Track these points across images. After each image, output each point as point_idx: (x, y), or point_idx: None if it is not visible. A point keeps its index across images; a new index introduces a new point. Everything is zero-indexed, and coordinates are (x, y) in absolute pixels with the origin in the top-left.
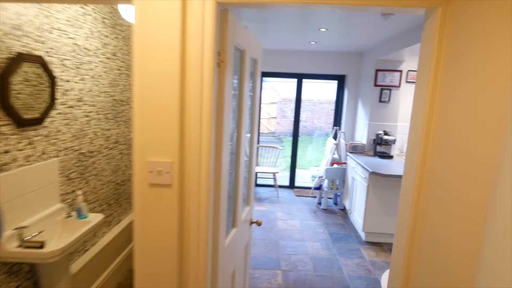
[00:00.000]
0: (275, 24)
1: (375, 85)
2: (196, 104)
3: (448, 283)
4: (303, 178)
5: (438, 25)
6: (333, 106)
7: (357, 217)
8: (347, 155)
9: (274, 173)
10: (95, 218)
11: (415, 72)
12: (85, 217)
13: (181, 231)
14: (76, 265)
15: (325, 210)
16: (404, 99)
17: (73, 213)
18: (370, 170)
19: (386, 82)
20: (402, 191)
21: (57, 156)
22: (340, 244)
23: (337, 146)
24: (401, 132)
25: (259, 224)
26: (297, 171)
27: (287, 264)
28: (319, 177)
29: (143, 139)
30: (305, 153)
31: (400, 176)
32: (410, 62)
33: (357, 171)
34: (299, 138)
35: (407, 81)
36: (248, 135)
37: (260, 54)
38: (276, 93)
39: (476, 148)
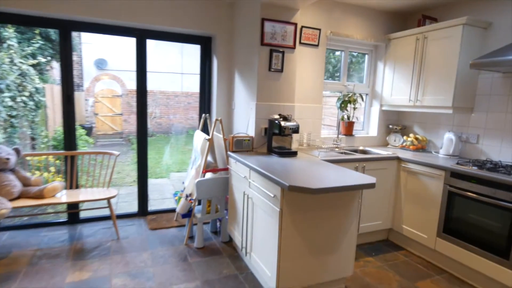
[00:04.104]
0: None
1: (262, 43)
2: None
3: None
4: (161, 192)
5: None
6: (191, 99)
7: (262, 266)
8: (228, 156)
9: (108, 199)
10: None
11: (311, 30)
12: None
13: None
14: None
15: (201, 249)
16: (301, 69)
17: None
18: (287, 184)
19: (277, 40)
20: None
21: None
22: None
23: (210, 143)
24: (299, 116)
25: None
26: (152, 182)
27: None
28: (187, 196)
29: None
30: (161, 157)
31: (343, 188)
32: (304, 15)
33: (254, 185)
34: (154, 138)
35: (301, 43)
36: None
37: None
38: (120, 84)
39: None
